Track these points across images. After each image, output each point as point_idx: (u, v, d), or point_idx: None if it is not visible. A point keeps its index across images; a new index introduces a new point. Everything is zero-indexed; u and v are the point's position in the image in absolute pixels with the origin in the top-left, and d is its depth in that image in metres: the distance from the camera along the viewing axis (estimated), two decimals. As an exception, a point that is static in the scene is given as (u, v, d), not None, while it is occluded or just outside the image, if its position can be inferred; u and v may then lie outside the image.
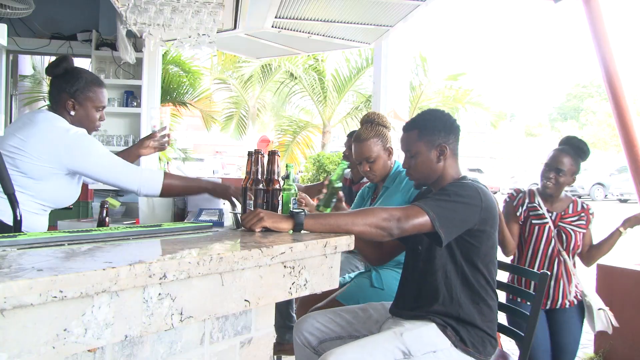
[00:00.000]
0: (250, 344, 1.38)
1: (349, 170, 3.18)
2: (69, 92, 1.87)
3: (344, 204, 2.03)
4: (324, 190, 1.97)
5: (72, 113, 1.88)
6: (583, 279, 2.42)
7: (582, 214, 2.40)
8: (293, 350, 2.99)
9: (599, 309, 2.30)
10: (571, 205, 2.42)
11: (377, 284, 2.12)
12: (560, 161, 2.31)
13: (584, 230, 2.40)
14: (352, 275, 2.40)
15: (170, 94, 7.34)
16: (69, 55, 1.96)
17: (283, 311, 2.90)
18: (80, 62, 5.22)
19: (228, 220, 1.73)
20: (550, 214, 2.38)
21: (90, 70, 4.57)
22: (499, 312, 1.74)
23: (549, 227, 2.35)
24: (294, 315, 3.02)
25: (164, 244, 1.28)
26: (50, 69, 1.92)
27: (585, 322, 2.37)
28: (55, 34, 4.59)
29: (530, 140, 34.15)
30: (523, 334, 1.70)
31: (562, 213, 2.39)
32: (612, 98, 2.90)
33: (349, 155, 3.21)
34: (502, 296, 1.87)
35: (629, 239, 2.53)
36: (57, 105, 1.89)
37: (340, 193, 1.98)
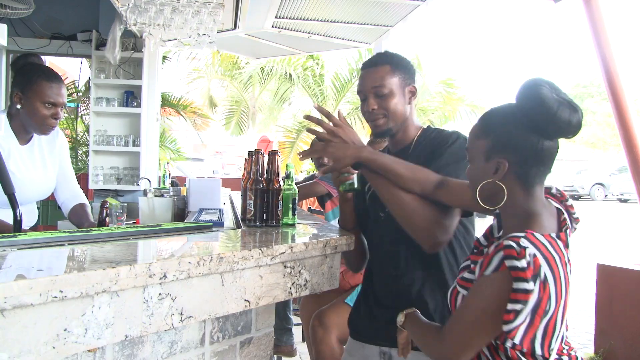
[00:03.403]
0: (250, 344, 1.38)
1: None
2: (19, 86, 1.85)
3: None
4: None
5: (19, 107, 1.84)
6: None
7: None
8: (291, 352, 3.01)
9: None
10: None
11: None
12: None
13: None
14: None
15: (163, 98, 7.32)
16: (37, 54, 1.94)
17: (280, 313, 2.91)
18: (80, 62, 5.24)
19: (228, 220, 1.73)
20: None
21: (90, 70, 4.59)
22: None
23: None
24: (291, 317, 3.02)
25: (164, 243, 1.28)
26: (12, 64, 1.92)
27: None
28: (55, 34, 4.59)
29: (530, 140, 34.03)
30: None
31: None
32: (612, 98, 2.90)
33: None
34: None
35: (628, 239, 2.52)
36: (11, 99, 1.88)
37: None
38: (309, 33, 4.40)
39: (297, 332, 3.09)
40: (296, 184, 1.84)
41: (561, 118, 1.03)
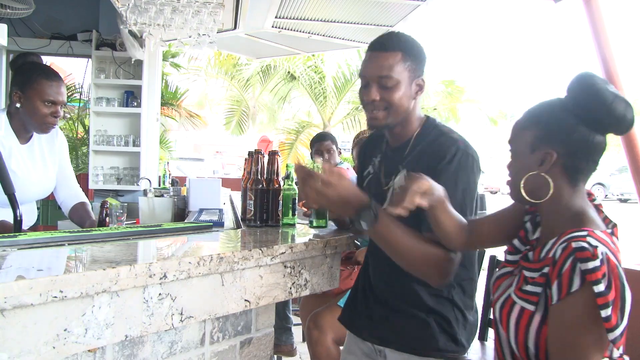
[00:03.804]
0: (250, 344, 1.38)
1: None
2: (18, 84, 1.84)
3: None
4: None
5: (18, 105, 1.83)
6: None
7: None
8: (290, 351, 3.00)
9: None
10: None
11: None
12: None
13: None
14: None
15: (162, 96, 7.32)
16: (36, 53, 1.93)
17: (280, 312, 2.90)
18: (80, 62, 5.24)
19: (228, 220, 1.73)
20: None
21: (92, 69, 4.59)
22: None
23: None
24: (291, 316, 3.02)
25: (164, 243, 1.28)
26: (11, 63, 1.94)
27: None
28: (55, 34, 4.58)
29: (530, 140, 34.01)
30: None
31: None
32: (612, 98, 2.88)
33: (318, 156, 3.17)
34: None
35: (628, 239, 2.51)
36: (10, 98, 1.87)
37: None
38: (309, 33, 4.39)
39: (297, 332, 3.09)
40: (296, 183, 1.83)
41: (617, 110, 0.98)
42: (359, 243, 2.23)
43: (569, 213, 1.03)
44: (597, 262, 0.90)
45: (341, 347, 2.18)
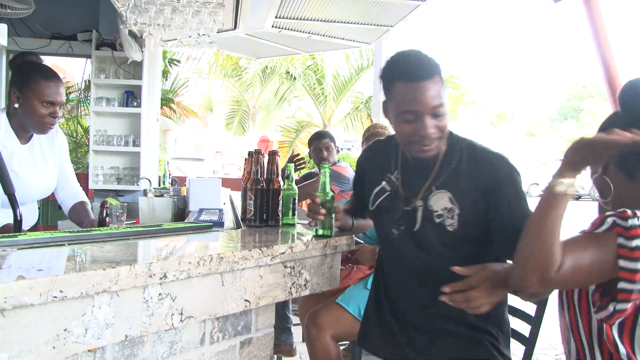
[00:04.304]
0: (250, 344, 1.38)
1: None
2: (16, 84, 1.81)
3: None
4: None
5: (16, 106, 1.80)
6: None
7: None
8: (290, 351, 3.00)
9: None
10: None
11: (369, 286, 2.11)
12: None
13: None
14: None
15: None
16: (36, 53, 1.92)
17: (280, 312, 2.90)
18: (80, 62, 5.24)
19: (228, 220, 1.73)
20: None
21: (91, 69, 4.59)
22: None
23: None
24: (291, 316, 3.02)
25: (164, 243, 1.28)
26: (10, 62, 1.94)
27: None
28: (55, 34, 4.58)
29: (530, 140, 34.14)
30: (527, 336, 1.67)
31: None
32: (612, 98, 2.89)
33: (316, 154, 3.13)
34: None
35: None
36: (8, 98, 1.86)
37: (339, 207, 1.47)
38: (309, 33, 4.40)
39: (297, 331, 3.09)
40: (296, 183, 1.82)
41: None
42: (361, 242, 2.23)
43: (633, 207, 1.05)
44: (634, 221, 0.94)
45: (340, 345, 2.19)
